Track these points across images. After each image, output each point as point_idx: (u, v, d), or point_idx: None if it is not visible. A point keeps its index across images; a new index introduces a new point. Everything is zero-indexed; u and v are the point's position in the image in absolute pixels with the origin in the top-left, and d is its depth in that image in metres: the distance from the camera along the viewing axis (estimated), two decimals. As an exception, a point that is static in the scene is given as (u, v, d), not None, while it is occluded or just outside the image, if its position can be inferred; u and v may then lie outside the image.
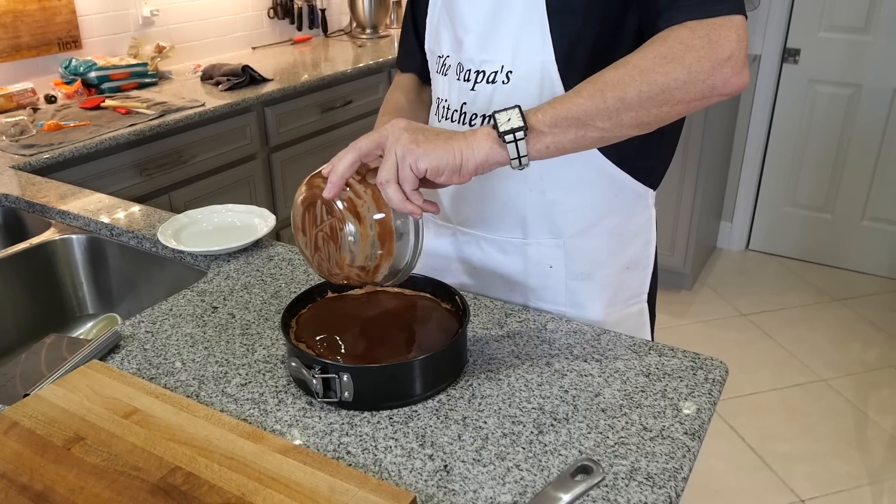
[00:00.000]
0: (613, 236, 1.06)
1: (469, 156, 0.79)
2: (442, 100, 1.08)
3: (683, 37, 0.79)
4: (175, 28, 2.88)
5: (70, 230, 1.41)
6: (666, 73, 0.78)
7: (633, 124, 0.81)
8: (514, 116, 0.78)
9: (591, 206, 1.03)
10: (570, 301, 1.08)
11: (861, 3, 2.89)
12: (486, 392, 0.87)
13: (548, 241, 1.05)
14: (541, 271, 1.07)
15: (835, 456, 2.21)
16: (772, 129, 3.24)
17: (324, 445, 0.79)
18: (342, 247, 0.82)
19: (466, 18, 1.00)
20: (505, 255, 1.09)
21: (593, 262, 1.06)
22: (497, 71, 0.98)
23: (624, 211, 1.05)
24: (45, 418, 0.79)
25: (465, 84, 1.02)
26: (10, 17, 2.34)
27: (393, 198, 0.78)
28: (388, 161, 0.78)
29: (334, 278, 0.87)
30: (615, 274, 1.08)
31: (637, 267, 1.11)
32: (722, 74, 0.78)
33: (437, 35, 1.08)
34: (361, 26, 3.53)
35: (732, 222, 3.44)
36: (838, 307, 2.99)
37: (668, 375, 0.89)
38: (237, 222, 1.33)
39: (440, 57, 1.07)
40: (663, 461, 0.75)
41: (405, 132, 0.79)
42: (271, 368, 0.92)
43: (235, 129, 2.44)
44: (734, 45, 0.78)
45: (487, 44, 0.98)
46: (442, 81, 1.08)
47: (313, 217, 0.84)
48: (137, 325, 1.04)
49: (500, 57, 0.98)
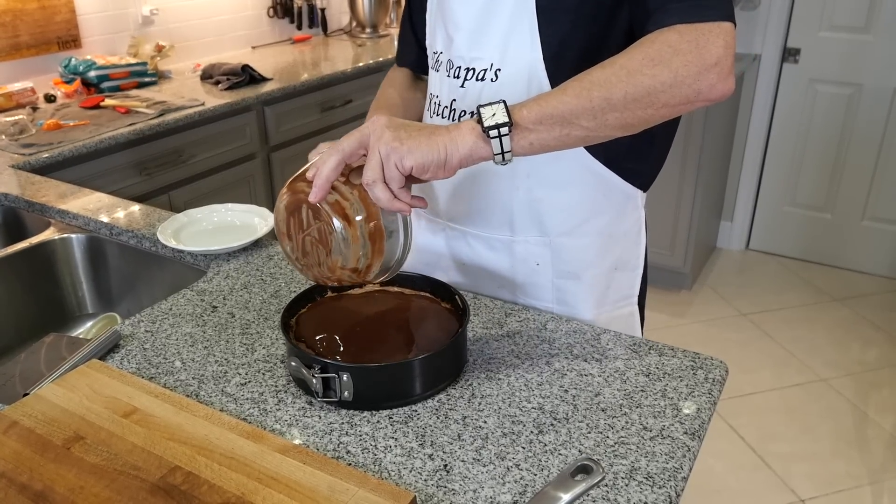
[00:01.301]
0: (601, 236, 1.05)
1: (453, 151, 0.78)
2: (434, 95, 1.08)
3: (672, 40, 0.78)
4: (175, 27, 2.88)
5: (70, 229, 1.41)
6: (653, 75, 0.78)
7: (617, 125, 0.81)
8: (498, 112, 0.78)
9: (579, 206, 1.03)
10: (558, 299, 1.07)
11: (861, 2, 2.89)
12: (486, 391, 0.86)
13: (535, 238, 1.05)
14: (528, 269, 1.07)
15: (835, 456, 2.21)
16: (772, 128, 3.24)
17: (323, 445, 0.79)
18: (333, 250, 0.81)
19: (458, 16, 1.00)
20: (493, 252, 1.09)
21: (580, 262, 1.06)
22: (486, 69, 0.98)
23: (612, 211, 1.05)
24: (45, 418, 0.79)
25: (454, 81, 1.02)
26: (10, 16, 2.34)
27: (381, 197, 0.77)
28: (373, 160, 0.77)
29: (325, 281, 0.86)
30: (603, 274, 1.08)
31: (626, 268, 1.10)
32: (708, 80, 0.78)
33: (434, 31, 1.08)
34: (361, 25, 3.53)
35: (732, 222, 3.44)
36: (838, 307, 2.99)
37: (668, 375, 0.89)
38: (237, 222, 1.33)
39: (434, 53, 1.08)
40: (663, 461, 0.75)
41: (387, 129, 0.78)
42: (271, 368, 0.92)
43: (235, 128, 2.43)
44: (721, 51, 0.78)
45: (477, 41, 0.98)
46: (435, 77, 1.08)
47: (299, 222, 0.83)
48: (137, 324, 1.04)
49: (488, 55, 0.98)
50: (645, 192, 1.08)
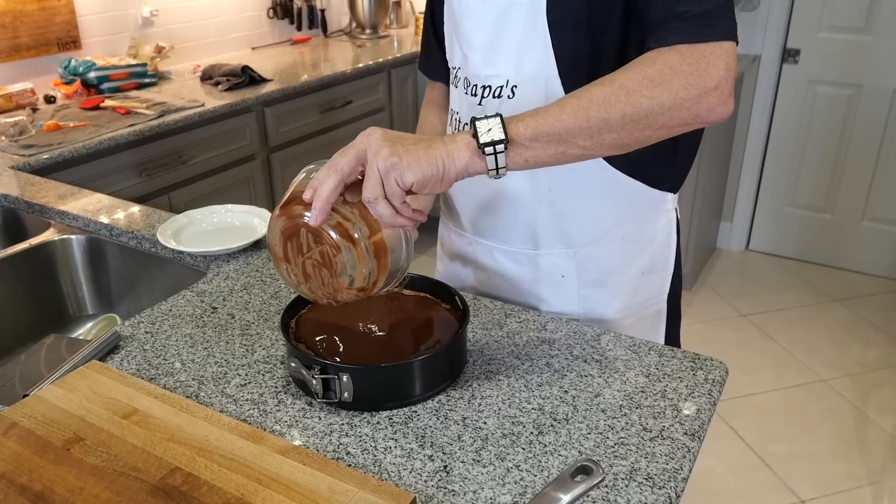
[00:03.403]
0: (627, 242, 1.04)
1: (450, 165, 0.77)
2: (454, 112, 1.07)
3: (673, 61, 0.77)
4: (174, 28, 2.88)
5: (69, 230, 1.41)
6: (652, 97, 0.77)
7: (613, 145, 0.80)
8: (495, 127, 0.76)
9: (603, 215, 1.02)
10: (583, 307, 1.07)
11: (861, 3, 2.89)
12: (486, 392, 0.86)
13: (559, 251, 1.04)
14: (553, 281, 1.07)
15: (835, 456, 2.21)
16: (772, 129, 3.24)
17: (323, 446, 0.79)
18: (339, 273, 0.79)
19: (470, 34, 1.00)
20: (517, 266, 1.08)
21: (606, 270, 1.05)
22: (502, 86, 0.98)
23: (638, 217, 1.04)
24: (45, 419, 0.79)
25: (472, 98, 1.02)
26: (10, 17, 2.34)
27: (384, 214, 0.75)
28: (372, 177, 0.74)
29: (330, 301, 0.83)
30: (630, 279, 1.07)
31: (655, 270, 1.09)
32: (707, 103, 0.77)
33: (451, 47, 1.08)
34: (361, 26, 3.53)
35: (732, 222, 3.44)
36: (838, 307, 2.99)
37: (668, 376, 0.89)
38: (237, 223, 1.33)
39: (453, 69, 1.07)
40: (663, 462, 0.75)
41: (384, 144, 0.75)
42: (271, 369, 0.92)
43: (235, 129, 2.43)
44: (722, 73, 0.77)
45: (491, 59, 0.98)
46: (455, 93, 1.07)
47: (297, 246, 0.80)
48: (137, 325, 1.04)
49: (504, 72, 0.97)
50: (675, 193, 1.06)
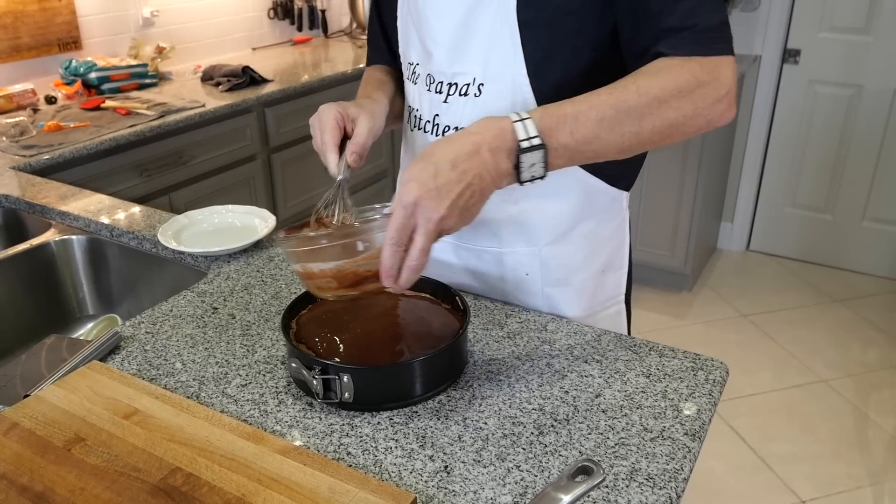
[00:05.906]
0: (588, 241, 1.05)
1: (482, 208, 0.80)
2: (414, 109, 1.06)
3: (696, 72, 0.81)
4: (175, 29, 2.88)
5: (70, 231, 1.41)
6: (678, 108, 0.80)
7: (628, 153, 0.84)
8: (538, 163, 0.79)
9: (566, 214, 1.02)
10: (548, 305, 1.07)
11: (861, 3, 2.89)
12: (487, 393, 0.86)
13: (523, 249, 1.04)
14: (517, 278, 1.07)
15: (835, 457, 2.21)
16: (772, 129, 3.24)
17: (324, 446, 0.79)
18: None
19: (436, 31, 0.98)
20: (482, 263, 1.08)
21: (569, 268, 1.05)
22: (469, 83, 0.97)
23: (598, 216, 1.05)
24: (46, 419, 0.79)
25: (436, 96, 1.00)
26: (11, 17, 2.34)
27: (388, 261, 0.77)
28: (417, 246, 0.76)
29: None
30: (591, 278, 1.07)
31: (612, 268, 1.10)
32: (719, 109, 0.82)
33: (407, 41, 1.06)
34: (362, 27, 3.53)
35: (733, 223, 3.44)
36: (839, 308, 2.99)
37: (669, 376, 0.89)
38: (237, 223, 1.33)
39: (410, 64, 1.05)
40: (664, 462, 0.75)
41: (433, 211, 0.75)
42: (271, 369, 0.92)
43: (236, 129, 2.44)
44: (731, 81, 0.82)
45: (458, 56, 0.97)
46: (413, 90, 1.06)
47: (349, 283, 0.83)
48: (138, 325, 1.04)
49: (471, 69, 0.96)
50: (628, 192, 1.08)
